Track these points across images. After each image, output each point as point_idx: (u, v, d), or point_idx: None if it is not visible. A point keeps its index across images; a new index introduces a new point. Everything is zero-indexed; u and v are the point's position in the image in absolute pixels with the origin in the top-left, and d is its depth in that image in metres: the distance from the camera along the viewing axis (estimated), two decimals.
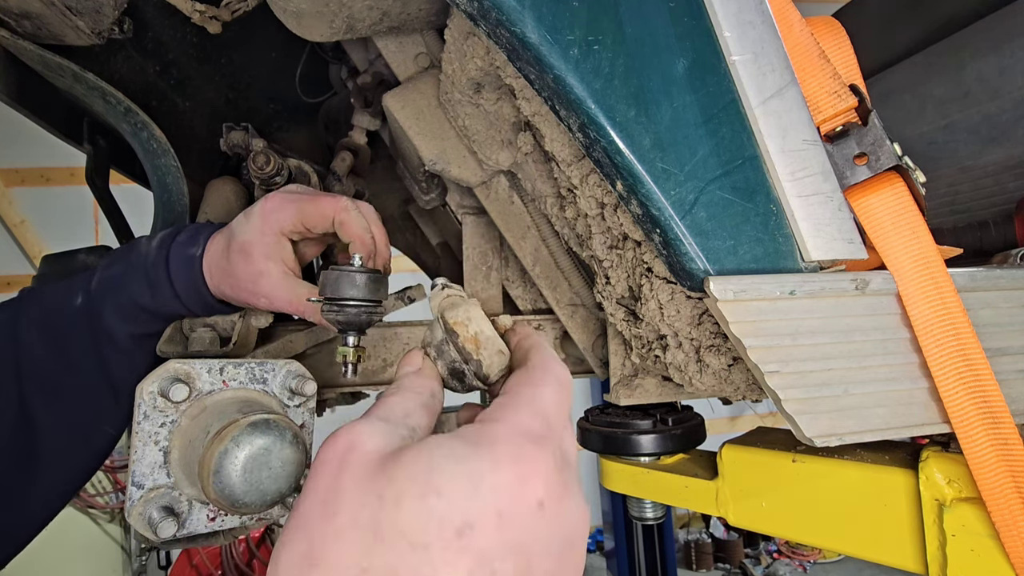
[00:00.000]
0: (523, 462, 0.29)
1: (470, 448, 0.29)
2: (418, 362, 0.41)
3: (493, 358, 0.41)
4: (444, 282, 0.48)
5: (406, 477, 0.28)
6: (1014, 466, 0.48)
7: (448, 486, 0.27)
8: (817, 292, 0.50)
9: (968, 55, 0.85)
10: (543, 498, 0.29)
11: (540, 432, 0.31)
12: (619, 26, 0.49)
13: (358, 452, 0.30)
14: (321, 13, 0.64)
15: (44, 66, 0.73)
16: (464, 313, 0.42)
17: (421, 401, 0.37)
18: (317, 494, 0.29)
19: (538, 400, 0.34)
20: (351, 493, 0.28)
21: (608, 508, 4.13)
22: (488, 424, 0.31)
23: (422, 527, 0.26)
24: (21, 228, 4.10)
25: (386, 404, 0.35)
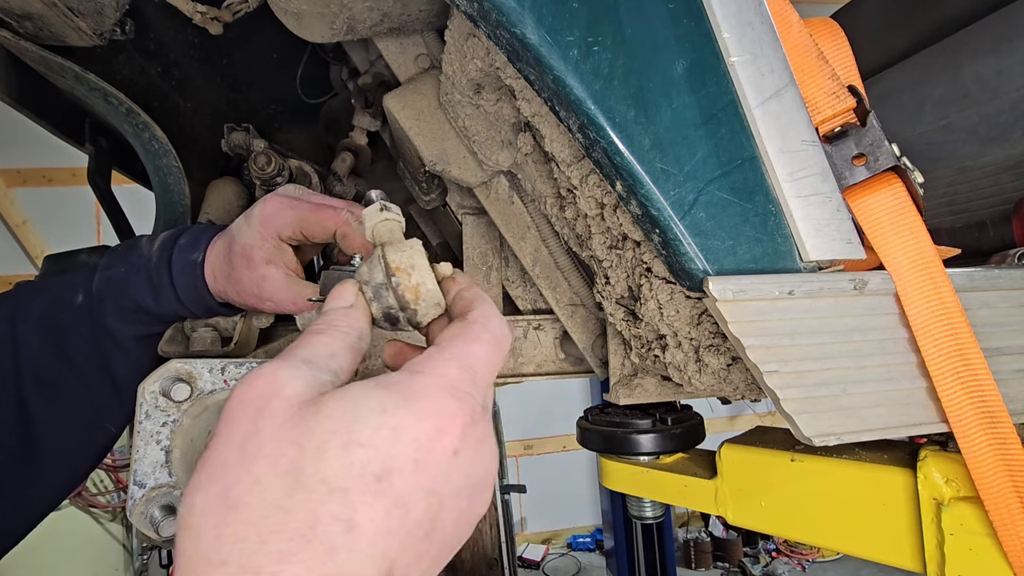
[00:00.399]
0: (443, 416, 0.31)
1: (395, 400, 0.30)
2: (351, 298, 0.40)
3: (430, 310, 0.40)
4: (382, 200, 0.44)
5: (328, 429, 0.29)
6: (1012, 465, 0.48)
7: (370, 436, 0.29)
8: (816, 292, 0.50)
9: (967, 56, 0.85)
10: (458, 447, 0.31)
11: (464, 388, 0.33)
12: (619, 27, 0.49)
13: (279, 399, 0.30)
14: (322, 14, 0.64)
15: (46, 67, 0.73)
16: (408, 259, 0.40)
17: (348, 343, 0.36)
18: (234, 439, 0.29)
19: (469, 356, 0.34)
20: (271, 441, 0.29)
21: (607, 507, 4.13)
22: (416, 376, 0.32)
23: (343, 474, 0.28)
24: (23, 228, 4.10)
25: (311, 344, 0.35)
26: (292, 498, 0.27)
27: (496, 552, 2.63)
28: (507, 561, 2.72)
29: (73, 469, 0.68)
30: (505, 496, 2.91)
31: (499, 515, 2.68)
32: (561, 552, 5.06)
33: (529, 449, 5.15)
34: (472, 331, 0.36)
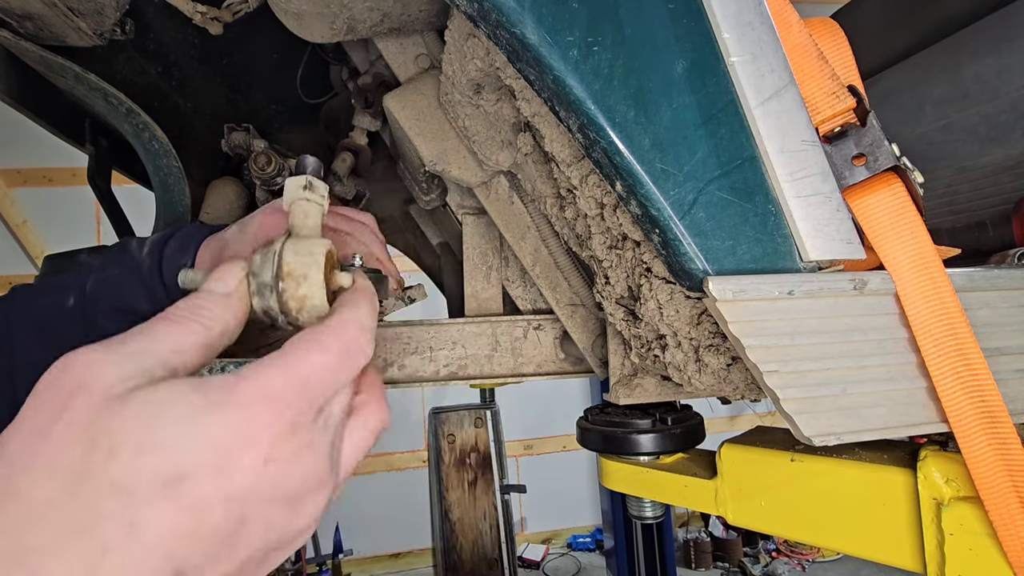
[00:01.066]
0: (253, 426, 0.30)
1: (207, 405, 0.30)
2: (231, 285, 0.37)
3: (311, 321, 0.38)
4: (313, 173, 0.41)
5: (127, 429, 0.28)
6: (1012, 465, 0.48)
7: (168, 440, 0.28)
8: (816, 292, 0.50)
9: (966, 56, 0.85)
10: (269, 457, 0.30)
11: (287, 399, 0.32)
12: (619, 27, 0.49)
13: (86, 396, 0.29)
14: (322, 14, 0.64)
15: (46, 67, 0.73)
16: (303, 267, 0.38)
17: (204, 339, 0.34)
18: (30, 425, 0.29)
19: (305, 365, 0.33)
20: (67, 433, 0.28)
21: (607, 507, 4.13)
22: (239, 382, 0.31)
23: (131, 474, 0.27)
24: (23, 228, 4.10)
25: (157, 334, 0.32)
26: (75, 494, 0.27)
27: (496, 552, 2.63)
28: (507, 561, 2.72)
29: None
30: (505, 496, 2.91)
31: (499, 515, 2.68)
32: (561, 552, 5.05)
33: (529, 449, 5.15)
34: (319, 339, 0.34)
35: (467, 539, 2.62)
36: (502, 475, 3.03)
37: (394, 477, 4.84)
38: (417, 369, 0.88)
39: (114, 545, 0.26)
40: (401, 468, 4.85)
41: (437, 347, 0.88)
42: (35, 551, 0.26)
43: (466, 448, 2.68)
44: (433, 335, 0.88)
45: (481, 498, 2.65)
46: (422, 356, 0.88)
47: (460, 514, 2.63)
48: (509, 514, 2.92)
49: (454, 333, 0.89)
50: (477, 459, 2.68)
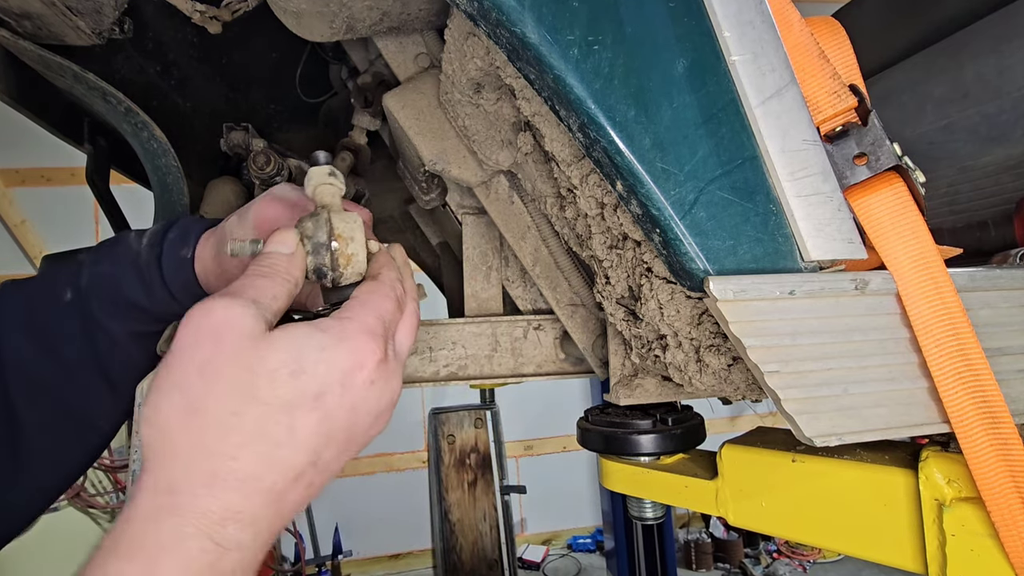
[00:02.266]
0: (364, 353, 0.41)
1: (331, 341, 0.40)
2: (292, 246, 0.45)
3: (353, 277, 0.47)
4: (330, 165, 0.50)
5: (279, 358, 0.38)
6: (1014, 466, 0.48)
7: (312, 367, 0.39)
8: (817, 292, 0.50)
9: (968, 55, 0.85)
10: (374, 379, 0.42)
11: (379, 332, 0.43)
12: (619, 26, 0.49)
13: (234, 331, 0.38)
14: (321, 13, 0.64)
15: (44, 66, 0.73)
16: (350, 231, 0.46)
17: (288, 289, 0.43)
18: (194, 360, 0.37)
19: (381, 308, 0.44)
20: (228, 366, 0.37)
21: (608, 508, 4.13)
22: (344, 322, 0.42)
23: (291, 392, 0.38)
24: (22, 228, 4.10)
25: (259, 287, 0.42)
26: (246, 408, 0.36)
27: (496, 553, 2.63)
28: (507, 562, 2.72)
29: (62, 471, 0.66)
30: (505, 497, 2.91)
31: (499, 516, 2.68)
32: (561, 553, 5.05)
33: (529, 449, 5.15)
34: (383, 290, 0.46)
35: (467, 540, 2.62)
36: (502, 476, 3.03)
37: (394, 478, 4.83)
38: (417, 369, 0.87)
39: (283, 442, 0.37)
40: (401, 469, 4.85)
41: (437, 347, 0.88)
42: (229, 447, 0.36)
43: (466, 449, 2.68)
44: (433, 335, 0.88)
45: (481, 499, 2.65)
46: (422, 356, 0.88)
47: (460, 515, 2.63)
48: (509, 515, 2.92)
49: (454, 333, 0.89)
50: (477, 460, 2.68)
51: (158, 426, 0.37)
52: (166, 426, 0.36)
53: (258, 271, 0.43)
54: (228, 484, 0.35)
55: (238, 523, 0.35)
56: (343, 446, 0.41)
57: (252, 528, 0.36)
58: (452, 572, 2.58)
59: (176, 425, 0.36)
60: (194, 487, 0.35)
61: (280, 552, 3.68)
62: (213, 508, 0.35)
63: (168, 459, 0.36)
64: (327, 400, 0.39)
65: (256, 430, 0.36)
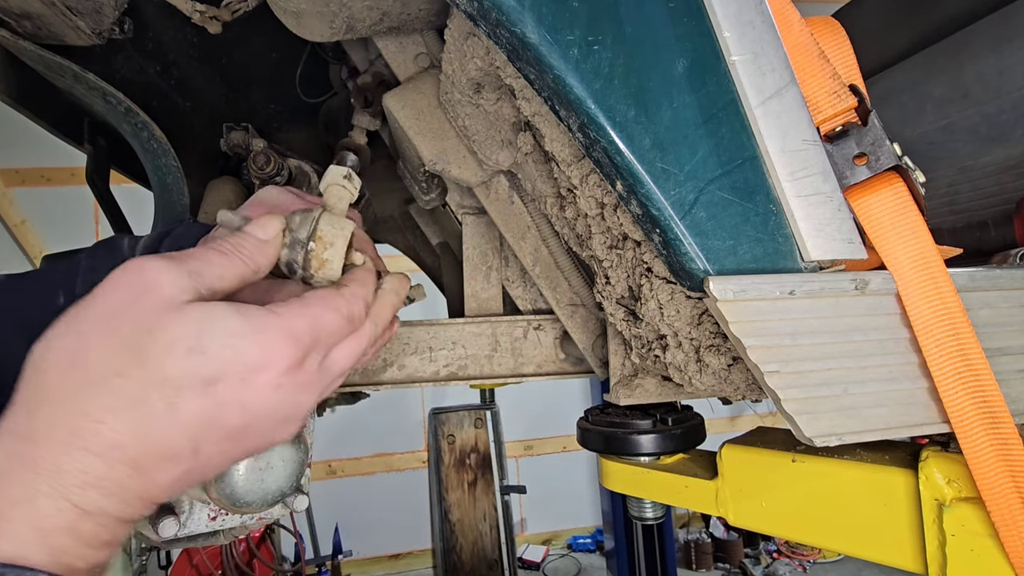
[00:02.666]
0: (278, 354, 0.38)
1: (245, 328, 0.37)
2: (271, 233, 0.44)
3: (322, 281, 0.46)
4: (349, 170, 0.49)
5: (181, 332, 0.36)
6: (1013, 466, 0.48)
7: (212, 350, 0.36)
8: (817, 292, 0.50)
9: (967, 55, 0.85)
10: (281, 384, 0.39)
11: (304, 338, 0.40)
12: (619, 26, 0.49)
13: (152, 294, 0.36)
14: (321, 13, 0.64)
15: (44, 66, 0.73)
16: (332, 236, 0.45)
17: (242, 272, 0.41)
18: (103, 310, 0.36)
19: (320, 317, 0.41)
20: (129, 325, 0.35)
21: (608, 508, 4.13)
22: (271, 314, 0.39)
23: (180, 370, 0.35)
24: (21, 228, 4.09)
25: (208, 259, 0.40)
26: (131, 372, 0.35)
27: (496, 553, 2.63)
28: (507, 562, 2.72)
29: None
30: (505, 497, 2.91)
31: (499, 516, 2.68)
32: (561, 553, 5.05)
33: (529, 449, 5.15)
34: (334, 301, 0.43)
35: (467, 540, 2.62)
36: (502, 476, 3.03)
37: (394, 478, 4.83)
38: (417, 369, 0.87)
39: (159, 416, 0.35)
40: (401, 469, 4.84)
41: (437, 347, 0.88)
42: (99, 408, 0.34)
43: (466, 449, 2.68)
44: (433, 335, 0.88)
45: (481, 499, 2.65)
46: (422, 356, 0.88)
47: (460, 515, 2.63)
48: (509, 515, 2.92)
49: (454, 333, 0.89)
50: (477, 460, 2.68)
51: (40, 367, 0.36)
52: (47, 368, 0.35)
53: (219, 246, 0.41)
54: (89, 447, 0.33)
55: (98, 488, 0.33)
56: (230, 443, 0.38)
57: (117, 496, 0.34)
58: (452, 572, 2.58)
59: (57, 370, 0.35)
60: (54, 442, 0.33)
61: (280, 552, 3.68)
62: (70, 468, 0.33)
63: (36, 404, 0.35)
64: (220, 389, 0.36)
65: (134, 398, 0.34)
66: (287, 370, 0.39)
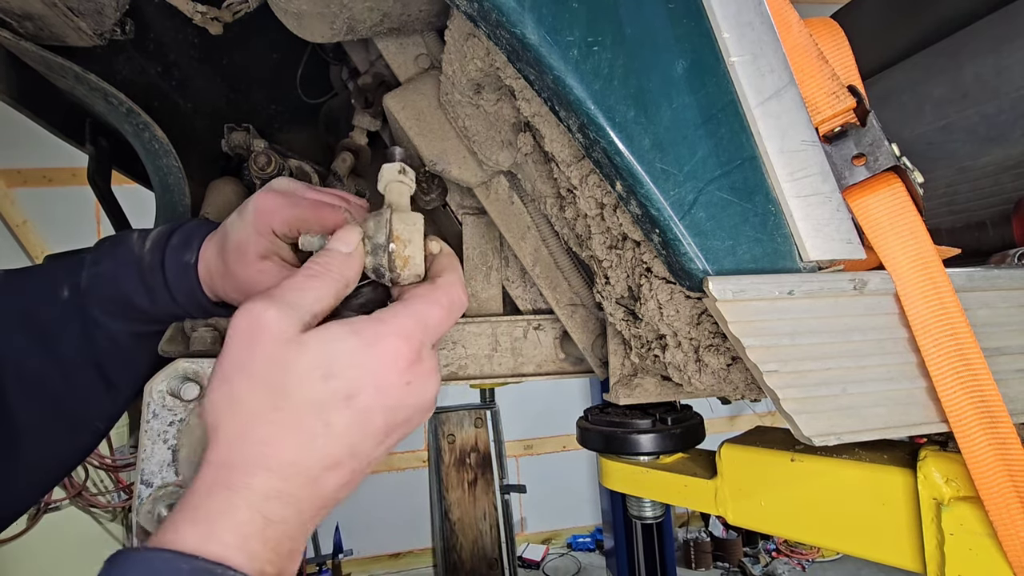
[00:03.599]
0: (398, 357, 0.43)
1: (362, 345, 0.42)
2: (353, 244, 0.47)
3: (410, 278, 0.48)
4: (402, 163, 0.50)
5: (310, 362, 0.41)
6: (1012, 465, 0.48)
7: (341, 371, 0.41)
8: (816, 292, 0.50)
9: (966, 56, 0.85)
10: (410, 380, 0.44)
11: (415, 335, 0.44)
12: (619, 27, 0.49)
13: (266, 335, 0.41)
14: (322, 14, 0.64)
15: (46, 67, 0.73)
16: (409, 233, 0.47)
17: (336, 290, 0.45)
18: (234, 359, 0.41)
19: (424, 313, 0.45)
20: (263, 366, 0.40)
21: (607, 507, 4.13)
22: (378, 324, 0.43)
23: (322, 394, 0.41)
24: (23, 228, 4.10)
25: (303, 288, 0.44)
26: (284, 405, 0.40)
27: (496, 552, 2.63)
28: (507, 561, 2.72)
29: (53, 466, 0.66)
30: (505, 496, 2.91)
31: (499, 515, 2.68)
32: (561, 552, 5.05)
33: (529, 449, 5.15)
34: (434, 295, 0.46)
35: (467, 539, 2.62)
36: (502, 475, 3.03)
37: (394, 477, 4.84)
38: None
39: (318, 434, 0.41)
40: (401, 468, 4.85)
41: (437, 347, 0.88)
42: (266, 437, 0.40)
43: (466, 448, 2.68)
44: None
45: (481, 498, 2.65)
46: None
47: (460, 514, 2.63)
48: (509, 514, 2.92)
49: (454, 333, 0.89)
50: (477, 459, 2.68)
51: (212, 412, 0.41)
52: (217, 412, 0.41)
53: (310, 270, 0.45)
54: (269, 467, 0.39)
55: (279, 500, 0.39)
56: (381, 438, 0.44)
57: (294, 506, 0.40)
58: (452, 571, 2.58)
59: (223, 413, 0.41)
60: (241, 466, 0.39)
61: None
62: (256, 486, 0.39)
63: (221, 441, 0.40)
64: (360, 400, 0.42)
65: (293, 424, 0.40)
66: (409, 367, 0.44)
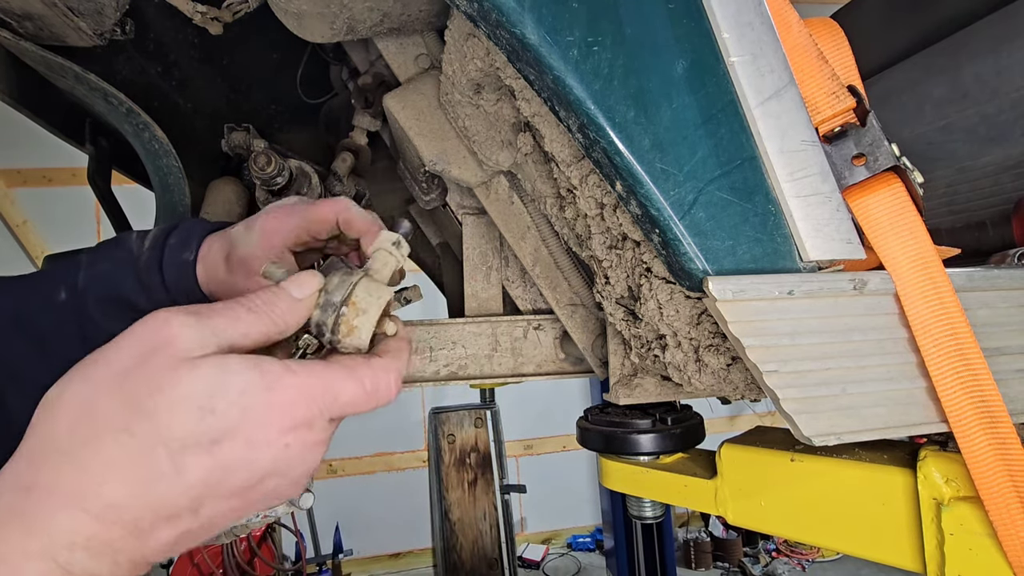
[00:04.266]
0: (288, 415, 0.37)
1: (258, 387, 0.36)
2: (307, 292, 0.43)
3: (349, 347, 0.44)
4: (400, 238, 0.49)
5: (192, 389, 0.34)
6: (1012, 465, 0.48)
7: (222, 408, 0.35)
8: (815, 292, 0.50)
9: (966, 56, 0.85)
10: (290, 443, 0.37)
11: (319, 403, 0.38)
12: (619, 27, 0.49)
13: (169, 351, 0.35)
14: (322, 14, 0.64)
15: (46, 67, 0.73)
16: (367, 304, 0.44)
17: (268, 331, 0.40)
18: (116, 360, 0.35)
19: (341, 388, 0.40)
20: (143, 379, 0.34)
21: (607, 507, 4.13)
22: (287, 372, 0.37)
23: (187, 429, 0.34)
24: (23, 228, 4.10)
25: (236, 317, 0.39)
26: (138, 429, 0.33)
27: (496, 552, 2.63)
28: (507, 561, 2.72)
29: None
30: (505, 496, 2.91)
31: (499, 515, 2.68)
32: (561, 552, 5.05)
33: (529, 449, 5.15)
34: (359, 373, 0.41)
35: (467, 539, 2.62)
36: (502, 475, 3.03)
37: (394, 477, 4.84)
38: (417, 369, 0.88)
39: (162, 476, 0.33)
40: (401, 468, 4.85)
41: (437, 347, 0.88)
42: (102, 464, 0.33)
43: (466, 448, 2.68)
44: (433, 335, 0.88)
45: (481, 498, 2.65)
46: (422, 356, 0.88)
47: (460, 514, 2.63)
48: (509, 514, 2.92)
49: (454, 333, 0.89)
50: (477, 459, 2.68)
51: (50, 414, 0.34)
52: (56, 417, 0.34)
53: (250, 303, 0.40)
54: (87, 505, 0.32)
55: (88, 550, 0.32)
56: (234, 503, 0.37)
57: (109, 558, 0.33)
58: (452, 571, 2.58)
59: (65, 420, 0.34)
60: (51, 497, 0.32)
61: (281, 551, 3.68)
62: (62, 527, 0.32)
63: (40, 454, 0.33)
64: (225, 449, 0.35)
65: (138, 456, 0.33)
66: (294, 429, 0.37)
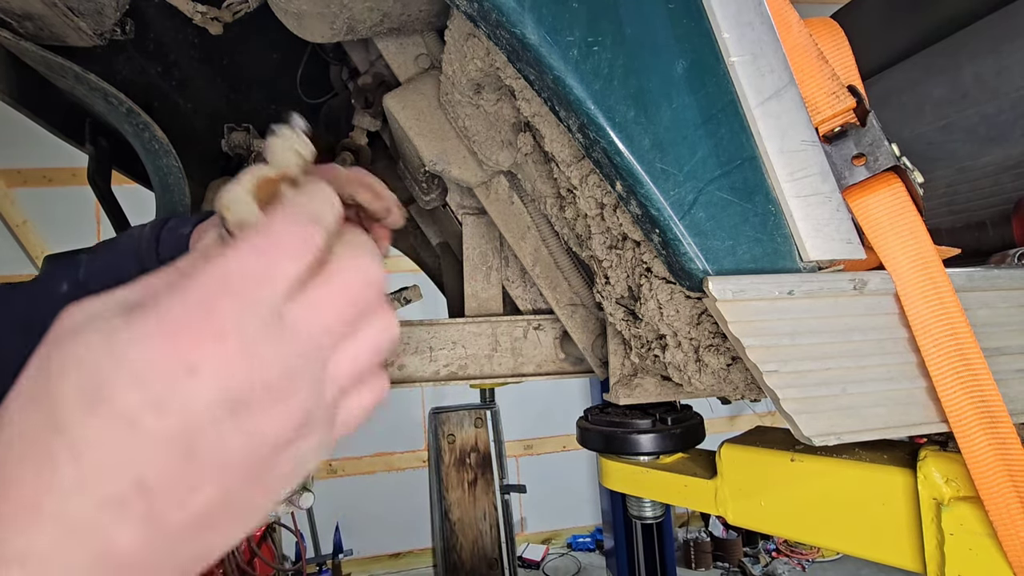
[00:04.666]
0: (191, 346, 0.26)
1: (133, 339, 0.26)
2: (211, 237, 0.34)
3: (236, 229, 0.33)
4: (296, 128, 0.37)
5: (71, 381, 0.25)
6: (1012, 465, 0.48)
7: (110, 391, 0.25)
8: (816, 292, 0.50)
9: (966, 56, 0.85)
10: (196, 362, 0.25)
11: (228, 301, 0.26)
12: (619, 27, 0.49)
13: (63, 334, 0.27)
14: (322, 14, 0.64)
15: (46, 67, 0.73)
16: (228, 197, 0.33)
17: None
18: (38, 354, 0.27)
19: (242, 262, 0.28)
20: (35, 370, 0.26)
21: (607, 507, 4.13)
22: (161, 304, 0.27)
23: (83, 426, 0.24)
24: (23, 228, 4.10)
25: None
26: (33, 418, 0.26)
27: (496, 552, 2.63)
28: (507, 561, 2.72)
29: None
30: (505, 496, 2.91)
31: (499, 515, 2.68)
32: (561, 552, 5.05)
33: (529, 449, 5.15)
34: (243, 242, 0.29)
35: (467, 539, 2.62)
36: (502, 475, 3.03)
37: (394, 477, 4.84)
38: (417, 369, 0.88)
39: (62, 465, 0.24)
40: (401, 468, 4.85)
41: (437, 347, 0.88)
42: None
43: (466, 448, 2.68)
44: (433, 335, 0.88)
45: (481, 498, 2.65)
46: (422, 356, 0.88)
47: (460, 514, 2.63)
48: (509, 514, 2.92)
49: (454, 333, 0.89)
50: (477, 459, 2.68)
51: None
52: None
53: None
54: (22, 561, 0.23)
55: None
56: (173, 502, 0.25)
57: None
58: (452, 571, 2.58)
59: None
60: None
61: (281, 551, 3.68)
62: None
63: None
64: (144, 426, 0.25)
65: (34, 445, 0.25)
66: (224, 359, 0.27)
